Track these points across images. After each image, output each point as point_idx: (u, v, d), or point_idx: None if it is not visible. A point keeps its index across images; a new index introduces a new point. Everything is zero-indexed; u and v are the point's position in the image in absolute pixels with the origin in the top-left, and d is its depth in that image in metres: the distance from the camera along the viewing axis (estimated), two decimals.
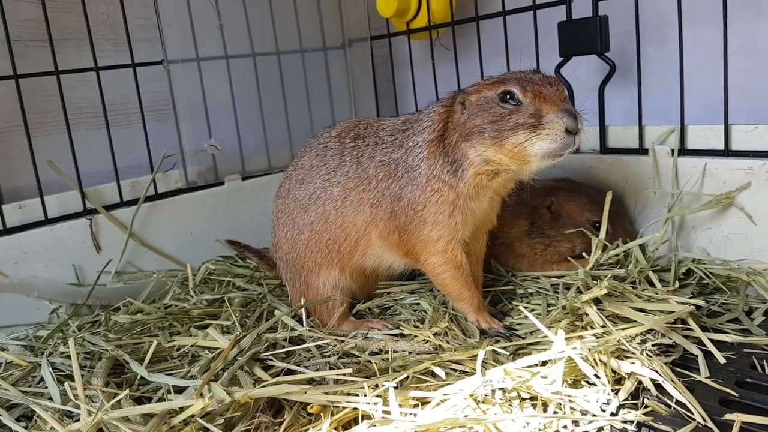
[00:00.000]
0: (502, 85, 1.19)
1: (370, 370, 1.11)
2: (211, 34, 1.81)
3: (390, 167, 1.30)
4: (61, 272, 1.57)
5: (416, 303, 1.42)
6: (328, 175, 1.36)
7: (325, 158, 1.38)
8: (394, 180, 1.29)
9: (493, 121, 1.17)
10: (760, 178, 1.34)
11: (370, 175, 1.31)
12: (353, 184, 1.33)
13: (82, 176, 1.61)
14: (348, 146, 1.37)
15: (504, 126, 1.16)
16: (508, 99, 1.17)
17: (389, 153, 1.32)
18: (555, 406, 0.97)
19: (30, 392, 1.12)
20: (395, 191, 1.28)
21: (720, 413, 0.96)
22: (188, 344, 1.25)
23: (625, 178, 1.57)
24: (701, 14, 1.52)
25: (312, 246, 1.36)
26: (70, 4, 1.74)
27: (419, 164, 1.26)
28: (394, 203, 1.28)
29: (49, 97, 1.62)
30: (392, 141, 1.33)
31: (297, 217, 1.39)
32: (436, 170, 1.24)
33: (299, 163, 1.43)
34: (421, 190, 1.25)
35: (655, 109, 1.60)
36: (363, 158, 1.34)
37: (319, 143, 1.42)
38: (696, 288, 1.33)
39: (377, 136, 1.36)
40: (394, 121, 1.39)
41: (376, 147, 1.34)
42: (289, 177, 1.45)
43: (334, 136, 1.41)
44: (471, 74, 1.89)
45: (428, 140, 1.26)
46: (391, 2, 1.91)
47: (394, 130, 1.35)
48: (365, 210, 1.31)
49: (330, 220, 1.34)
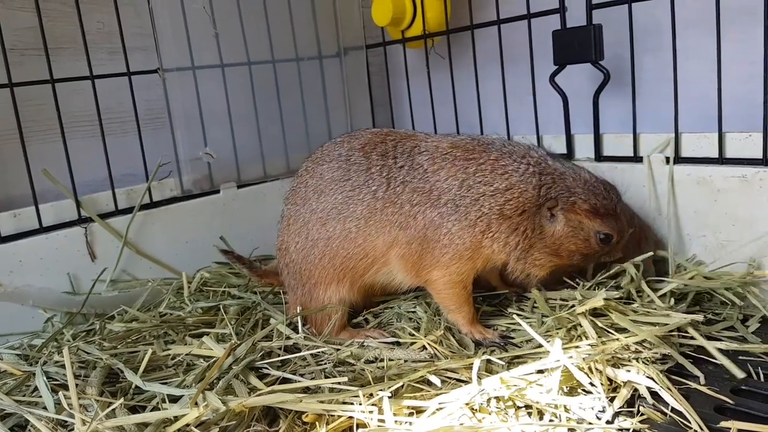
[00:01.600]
0: (603, 222, 1.27)
1: (366, 379, 1.11)
2: (206, 43, 1.81)
3: (432, 195, 1.27)
4: (56, 281, 1.57)
5: (412, 311, 1.41)
6: (353, 191, 1.32)
7: (349, 173, 1.34)
8: (433, 207, 1.26)
9: (584, 254, 1.29)
10: (754, 185, 1.35)
11: (404, 199, 1.28)
12: (381, 205, 1.29)
13: (77, 185, 1.61)
14: (375, 163, 1.33)
15: (591, 259, 1.32)
16: (604, 240, 1.29)
17: (432, 182, 1.28)
18: (551, 415, 0.97)
19: (24, 401, 1.12)
20: (433, 217, 1.26)
21: (715, 420, 0.96)
22: (183, 353, 1.24)
23: (620, 186, 1.57)
24: (695, 22, 1.53)
25: (325, 262, 1.34)
26: (66, 13, 1.74)
27: (479, 216, 1.25)
28: (428, 229, 1.26)
29: (44, 105, 1.62)
30: (436, 170, 1.29)
31: (312, 229, 1.35)
32: (496, 235, 1.25)
33: (317, 172, 1.38)
34: (470, 234, 1.25)
35: (649, 117, 1.61)
36: (395, 181, 1.30)
37: (341, 154, 1.37)
38: (692, 299, 1.33)
39: (413, 161, 1.31)
40: (436, 143, 1.34)
41: (412, 172, 1.30)
42: (305, 184, 1.39)
43: (357, 148, 1.36)
44: (466, 82, 1.91)
45: (502, 212, 1.25)
46: (387, 11, 1.92)
47: (438, 157, 1.31)
48: (392, 231, 1.29)
49: (350, 237, 1.31)
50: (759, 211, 1.35)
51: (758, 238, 1.36)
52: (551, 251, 1.27)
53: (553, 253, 1.27)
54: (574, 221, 1.26)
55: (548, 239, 1.27)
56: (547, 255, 1.27)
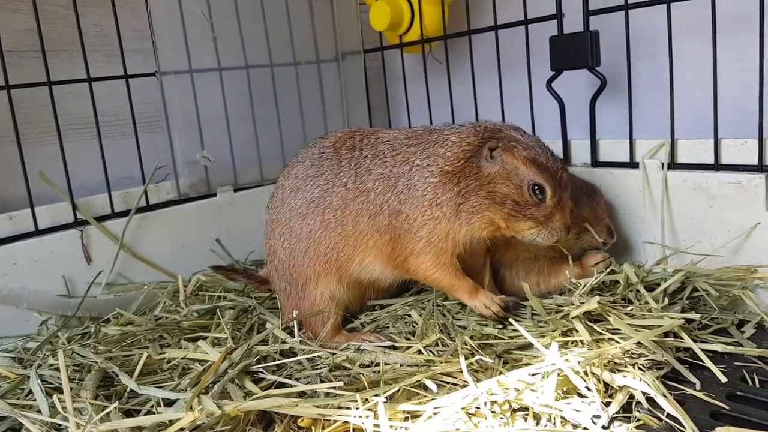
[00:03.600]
0: (538, 171, 1.26)
1: (362, 383, 1.10)
2: (204, 46, 1.81)
3: (390, 181, 1.31)
4: (51, 284, 1.56)
5: (408, 314, 1.41)
6: (327, 185, 1.36)
7: (322, 168, 1.38)
8: (392, 194, 1.30)
9: (516, 202, 1.27)
10: (749, 191, 1.35)
11: (369, 187, 1.33)
12: (352, 195, 1.33)
13: (74, 187, 1.61)
14: (345, 157, 1.37)
15: (522, 211, 1.27)
16: (536, 192, 1.26)
17: (390, 167, 1.33)
18: (547, 419, 0.97)
19: (18, 405, 1.11)
20: (393, 205, 1.30)
21: (711, 426, 0.96)
22: (179, 357, 1.24)
23: (616, 192, 1.58)
24: (691, 29, 1.54)
25: (311, 254, 1.36)
26: (63, 16, 1.74)
27: (425, 187, 1.28)
28: (392, 216, 1.30)
29: (41, 107, 1.62)
30: (394, 155, 1.34)
31: (294, 225, 1.38)
32: (441, 200, 1.27)
33: (293, 173, 1.43)
34: (420, 211, 1.28)
35: (645, 123, 1.62)
36: (361, 170, 1.34)
37: (313, 153, 1.42)
38: (687, 303, 1.33)
39: (375, 149, 1.36)
40: (395, 134, 1.39)
41: (374, 160, 1.35)
42: (282, 187, 1.44)
43: (328, 146, 1.41)
44: (463, 87, 1.91)
45: (443, 170, 1.28)
46: (384, 16, 1.92)
47: (396, 144, 1.36)
48: (363, 220, 1.33)
49: (330, 227, 1.34)
50: (754, 217, 1.35)
51: (754, 244, 1.36)
52: (486, 194, 1.27)
53: (487, 196, 1.27)
54: (511, 164, 1.27)
55: (483, 180, 1.28)
56: (482, 198, 1.27)
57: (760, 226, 1.35)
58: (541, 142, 1.31)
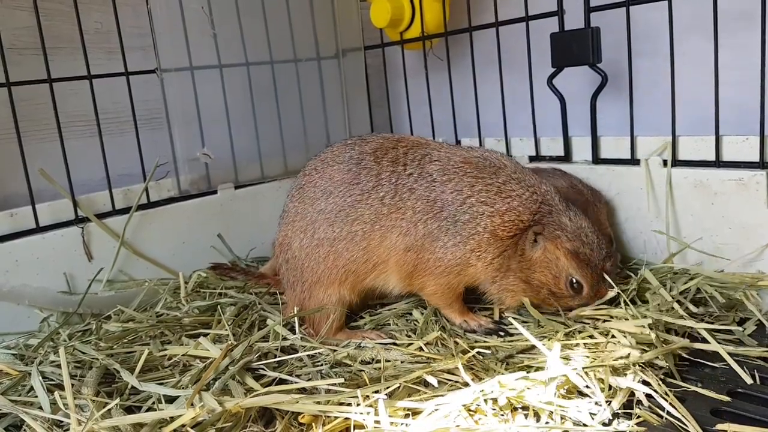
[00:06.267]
0: (578, 266, 1.26)
1: (362, 380, 1.10)
2: (204, 43, 1.80)
3: (435, 205, 1.29)
4: (52, 280, 1.56)
5: (408, 313, 1.42)
6: (362, 195, 1.33)
7: (359, 176, 1.34)
8: (434, 218, 1.29)
9: (552, 291, 1.28)
10: (750, 188, 1.35)
11: (408, 205, 1.30)
12: (387, 210, 1.31)
13: (74, 184, 1.61)
14: (386, 169, 1.34)
15: (558, 300, 1.28)
16: (574, 286, 1.27)
17: (439, 192, 1.30)
18: (547, 416, 0.97)
19: (19, 401, 1.11)
20: (432, 229, 1.29)
21: (712, 423, 0.96)
22: (180, 353, 1.24)
23: (617, 189, 1.58)
24: (693, 27, 1.53)
25: (329, 263, 1.34)
26: (64, 13, 1.74)
27: (472, 234, 1.27)
28: (425, 239, 1.29)
29: (41, 105, 1.62)
30: (444, 181, 1.31)
31: (319, 229, 1.35)
32: (482, 255, 1.28)
33: (327, 173, 1.37)
34: (459, 250, 1.28)
35: (646, 120, 1.61)
36: (402, 188, 1.32)
37: (351, 157, 1.37)
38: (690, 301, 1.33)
39: (423, 169, 1.32)
40: (448, 154, 1.35)
41: (420, 180, 1.31)
42: (314, 184, 1.38)
43: (369, 152, 1.37)
44: (464, 84, 1.91)
45: (495, 232, 1.27)
46: (385, 12, 1.92)
47: (449, 168, 1.32)
48: (392, 237, 1.31)
49: (355, 240, 1.32)
50: (756, 214, 1.35)
51: (755, 242, 1.36)
52: (524, 277, 1.29)
53: (525, 280, 1.29)
54: (552, 254, 1.27)
55: (524, 263, 1.28)
56: (519, 281, 1.29)
57: (761, 223, 1.35)
58: (589, 228, 1.30)
